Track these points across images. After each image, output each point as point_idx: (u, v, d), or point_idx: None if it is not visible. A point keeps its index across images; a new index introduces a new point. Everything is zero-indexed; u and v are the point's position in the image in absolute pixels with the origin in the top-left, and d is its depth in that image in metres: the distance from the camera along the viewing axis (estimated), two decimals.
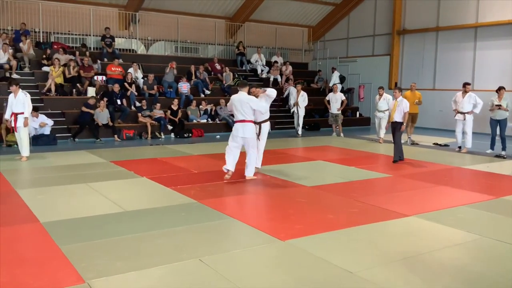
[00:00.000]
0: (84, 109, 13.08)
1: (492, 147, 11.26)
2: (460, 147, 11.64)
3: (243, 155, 7.98)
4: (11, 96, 9.65)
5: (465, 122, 11.39)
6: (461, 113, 11.43)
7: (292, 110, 15.41)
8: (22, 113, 9.51)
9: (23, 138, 9.58)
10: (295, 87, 15.66)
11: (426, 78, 17.85)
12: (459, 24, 16.77)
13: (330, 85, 18.81)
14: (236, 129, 7.73)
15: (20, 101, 9.50)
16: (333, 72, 19.19)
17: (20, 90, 9.64)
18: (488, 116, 11.43)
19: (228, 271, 4.02)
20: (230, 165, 7.68)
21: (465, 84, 11.49)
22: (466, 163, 9.95)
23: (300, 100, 14.92)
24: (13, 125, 9.62)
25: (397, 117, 9.85)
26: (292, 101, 15.45)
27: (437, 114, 16.62)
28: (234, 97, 7.82)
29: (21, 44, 14.57)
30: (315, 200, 6.63)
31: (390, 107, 10.23)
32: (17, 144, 10.13)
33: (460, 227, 5.36)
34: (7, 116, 9.72)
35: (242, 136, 7.66)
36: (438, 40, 17.74)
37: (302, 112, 15.00)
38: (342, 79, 19.33)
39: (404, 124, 9.90)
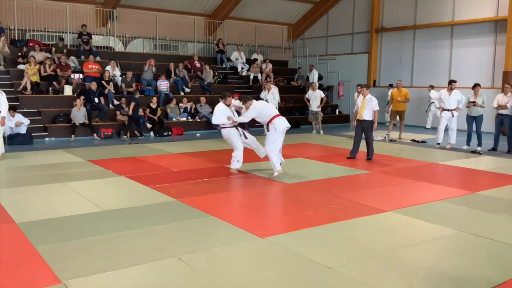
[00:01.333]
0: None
1: (468, 143, 11.46)
2: (439, 144, 11.80)
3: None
4: None
5: (452, 119, 11.52)
6: (448, 110, 11.58)
7: None
8: None
9: None
10: (275, 85, 15.52)
11: (404, 75, 18.06)
12: (435, 22, 17.03)
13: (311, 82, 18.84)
14: (282, 122, 7.99)
15: None
16: (311, 70, 19.22)
17: None
18: (465, 112, 11.63)
19: (208, 269, 4.01)
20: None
21: (451, 82, 11.64)
22: (443, 159, 10.11)
23: (269, 98, 14.32)
24: None
25: (366, 115, 9.66)
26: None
27: (414, 111, 16.84)
28: (260, 103, 8.43)
29: None
30: (295, 197, 6.66)
31: (359, 104, 9.94)
32: None
33: (437, 221, 5.44)
34: None
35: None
36: (415, 38, 17.96)
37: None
38: (319, 78, 19.34)
39: (375, 123, 9.73)
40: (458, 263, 4.27)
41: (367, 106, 9.67)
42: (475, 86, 11.36)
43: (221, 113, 8.16)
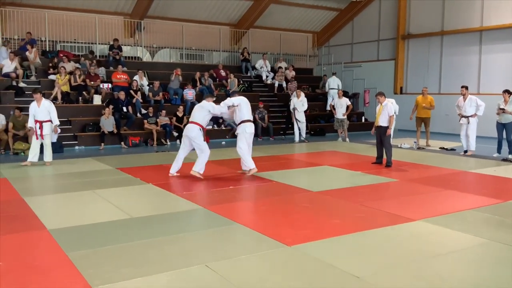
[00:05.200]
0: None
1: (499, 151, 11.21)
2: (465, 151, 11.61)
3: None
4: (33, 105, 9.92)
5: (469, 126, 11.39)
6: (465, 117, 11.45)
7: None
8: (48, 120, 9.84)
9: (48, 145, 9.88)
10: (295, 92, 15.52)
11: (432, 82, 17.81)
12: (464, 28, 16.76)
13: (326, 90, 18.68)
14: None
15: (45, 109, 9.82)
16: (329, 78, 19.01)
17: (43, 98, 9.98)
18: (494, 119, 11.40)
19: (234, 277, 4.02)
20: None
21: (460, 88, 11.59)
22: (472, 167, 9.90)
23: (298, 105, 14.72)
24: (38, 132, 9.76)
25: (382, 121, 9.79)
26: (291, 107, 15.14)
27: (443, 118, 16.54)
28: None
29: (27, 53, 14.69)
30: (321, 205, 6.62)
31: (376, 111, 10.09)
32: (24, 152, 10.19)
33: (468, 231, 5.33)
34: (30, 124, 9.94)
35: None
36: (443, 44, 17.72)
37: (302, 117, 14.77)
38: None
39: (390, 128, 9.72)
40: (490, 274, 4.16)
41: (383, 113, 9.78)
42: (505, 92, 11.12)
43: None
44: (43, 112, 9.80)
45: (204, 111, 8.52)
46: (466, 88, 11.62)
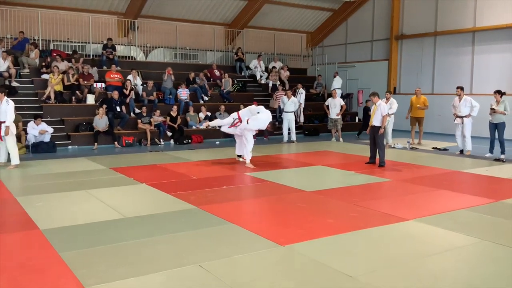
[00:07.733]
0: None
1: (491, 151, 11.29)
2: (461, 151, 11.74)
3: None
4: None
5: (464, 126, 11.54)
6: (459, 117, 11.61)
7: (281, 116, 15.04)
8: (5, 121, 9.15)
9: (9, 147, 9.30)
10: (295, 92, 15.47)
11: (425, 82, 17.90)
12: (457, 28, 16.85)
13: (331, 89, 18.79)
14: None
15: (2, 110, 9.11)
16: (334, 77, 19.11)
17: (5, 98, 9.22)
18: (487, 119, 11.48)
19: (228, 276, 4.02)
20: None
21: (456, 88, 11.76)
22: (465, 167, 9.96)
23: (288, 104, 14.60)
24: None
25: (376, 121, 9.90)
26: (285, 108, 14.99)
27: (436, 119, 16.64)
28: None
29: (32, 54, 14.73)
30: (315, 205, 6.63)
31: (371, 111, 10.29)
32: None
33: (460, 230, 5.36)
34: None
35: None
36: (436, 44, 17.80)
37: (292, 117, 14.64)
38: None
39: (382, 128, 9.81)
40: (482, 273, 4.19)
41: (377, 113, 9.89)
42: (496, 92, 11.21)
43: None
44: (2, 112, 9.09)
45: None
46: (462, 88, 11.89)
